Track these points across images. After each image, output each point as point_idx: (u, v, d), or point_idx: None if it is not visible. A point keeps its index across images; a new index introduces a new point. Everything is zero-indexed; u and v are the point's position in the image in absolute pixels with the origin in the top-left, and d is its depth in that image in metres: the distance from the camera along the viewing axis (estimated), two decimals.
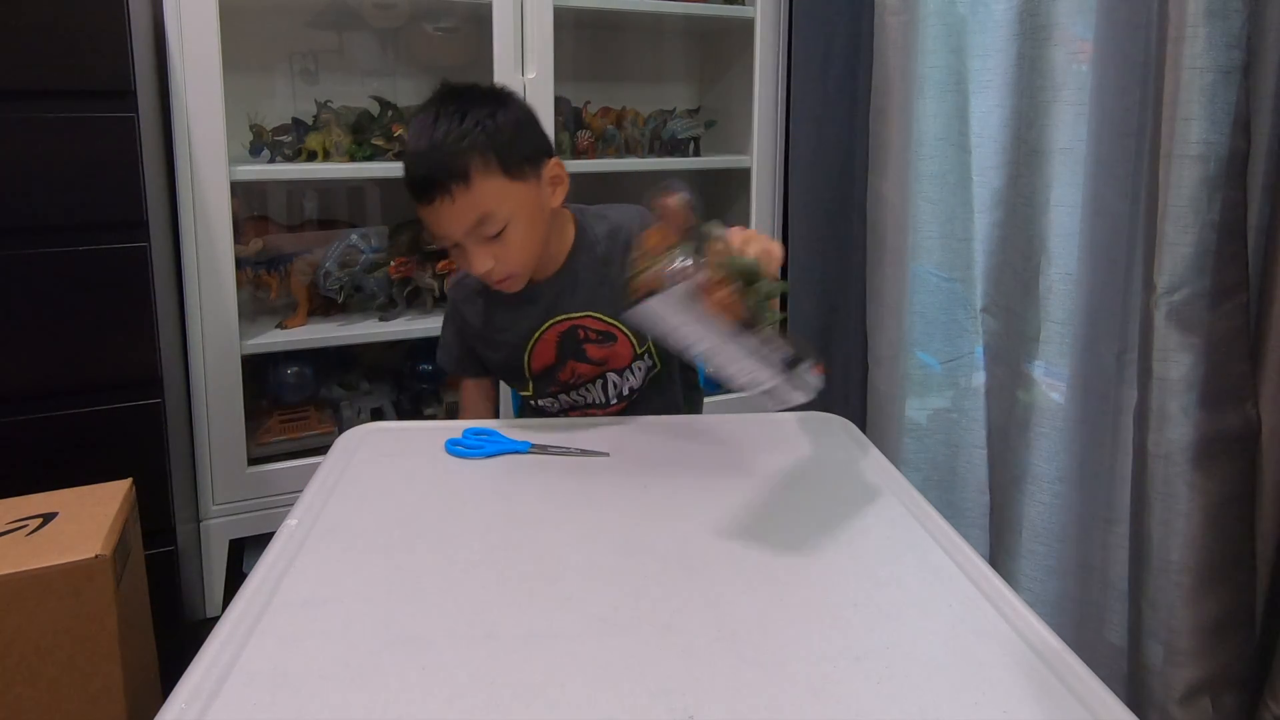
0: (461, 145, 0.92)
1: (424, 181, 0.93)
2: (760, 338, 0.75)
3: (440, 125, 0.93)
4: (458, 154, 0.92)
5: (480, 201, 0.93)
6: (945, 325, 1.57)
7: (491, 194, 0.93)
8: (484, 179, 0.93)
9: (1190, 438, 1.04)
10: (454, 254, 0.99)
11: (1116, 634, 1.23)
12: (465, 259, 0.97)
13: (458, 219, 0.94)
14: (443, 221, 0.94)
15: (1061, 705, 0.55)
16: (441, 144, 0.92)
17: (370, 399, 1.80)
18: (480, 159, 0.92)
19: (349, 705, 0.54)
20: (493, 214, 0.94)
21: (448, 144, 0.92)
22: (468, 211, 0.93)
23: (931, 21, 1.49)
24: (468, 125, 0.93)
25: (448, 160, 0.92)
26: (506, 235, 0.95)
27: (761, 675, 0.57)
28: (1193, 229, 1.02)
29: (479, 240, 0.95)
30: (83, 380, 1.27)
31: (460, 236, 0.95)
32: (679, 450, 0.96)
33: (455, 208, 0.93)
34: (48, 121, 1.20)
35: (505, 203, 0.95)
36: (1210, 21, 0.98)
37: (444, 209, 0.93)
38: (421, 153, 0.94)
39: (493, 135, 0.94)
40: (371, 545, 0.73)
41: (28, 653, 0.96)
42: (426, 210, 0.95)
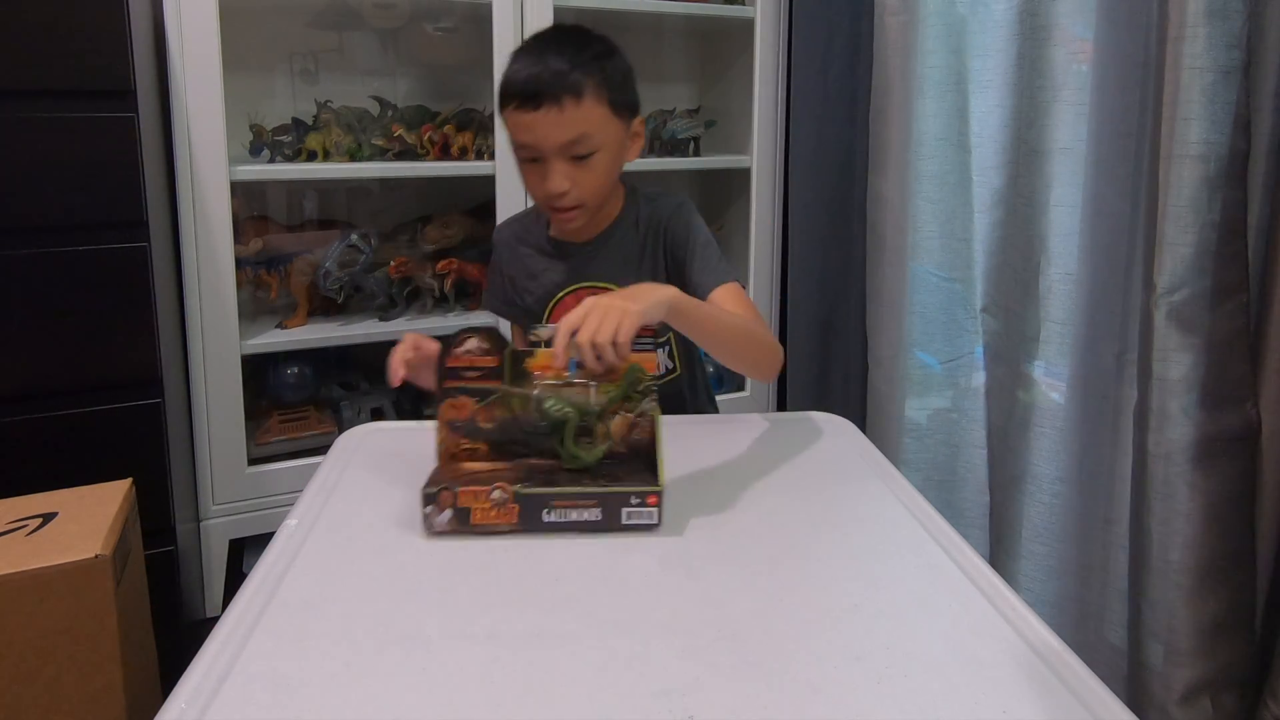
0: (583, 69, 0.96)
1: (537, 87, 0.95)
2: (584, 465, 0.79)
3: (561, 44, 0.98)
4: (576, 69, 0.96)
5: (585, 120, 0.96)
6: (945, 325, 1.57)
7: (596, 117, 0.97)
8: (594, 102, 0.97)
9: (1190, 438, 1.04)
10: (530, 172, 1.01)
11: (1116, 634, 1.23)
12: (542, 176, 0.99)
13: (560, 129, 0.96)
14: (542, 128, 0.96)
15: (1061, 705, 0.55)
16: (567, 56, 0.96)
17: (370, 399, 1.80)
18: (594, 83, 0.97)
19: (349, 705, 0.54)
20: (591, 136, 0.97)
21: (572, 58, 0.96)
22: (571, 125, 0.96)
23: (931, 21, 1.49)
24: (588, 54, 0.98)
25: (566, 72, 0.95)
26: (592, 162, 0.99)
27: (761, 675, 0.57)
28: (1193, 229, 1.02)
29: (565, 158, 0.98)
30: (83, 380, 1.27)
31: (553, 149, 0.97)
32: (681, 450, 0.96)
33: (562, 118, 0.95)
34: (48, 121, 1.20)
35: (602, 130, 0.99)
36: (1210, 21, 0.98)
37: (549, 117, 0.95)
38: (541, 61, 0.96)
39: (607, 69, 0.99)
40: (371, 545, 0.73)
41: (28, 653, 0.97)
42: (528, 116, 0.96)
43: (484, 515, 0.73)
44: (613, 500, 0.74)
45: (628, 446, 0.80)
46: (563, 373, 0.78)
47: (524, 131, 0.98)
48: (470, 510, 0.73)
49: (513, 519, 0.73)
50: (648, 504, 0.75)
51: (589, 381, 0.79)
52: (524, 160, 1.01)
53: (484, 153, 1.70)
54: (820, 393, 1.84)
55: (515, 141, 1.00)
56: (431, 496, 0.72)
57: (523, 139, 0.98)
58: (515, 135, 0.99)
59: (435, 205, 1.85)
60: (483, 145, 1.71)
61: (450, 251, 1.78)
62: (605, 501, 0.74)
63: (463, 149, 1.70)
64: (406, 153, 1.68)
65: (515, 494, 0.73)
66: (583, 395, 0.79)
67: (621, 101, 1.01)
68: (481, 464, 0.78)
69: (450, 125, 1.70)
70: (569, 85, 0.95)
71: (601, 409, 0.79)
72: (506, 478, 0.75)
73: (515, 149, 1.01)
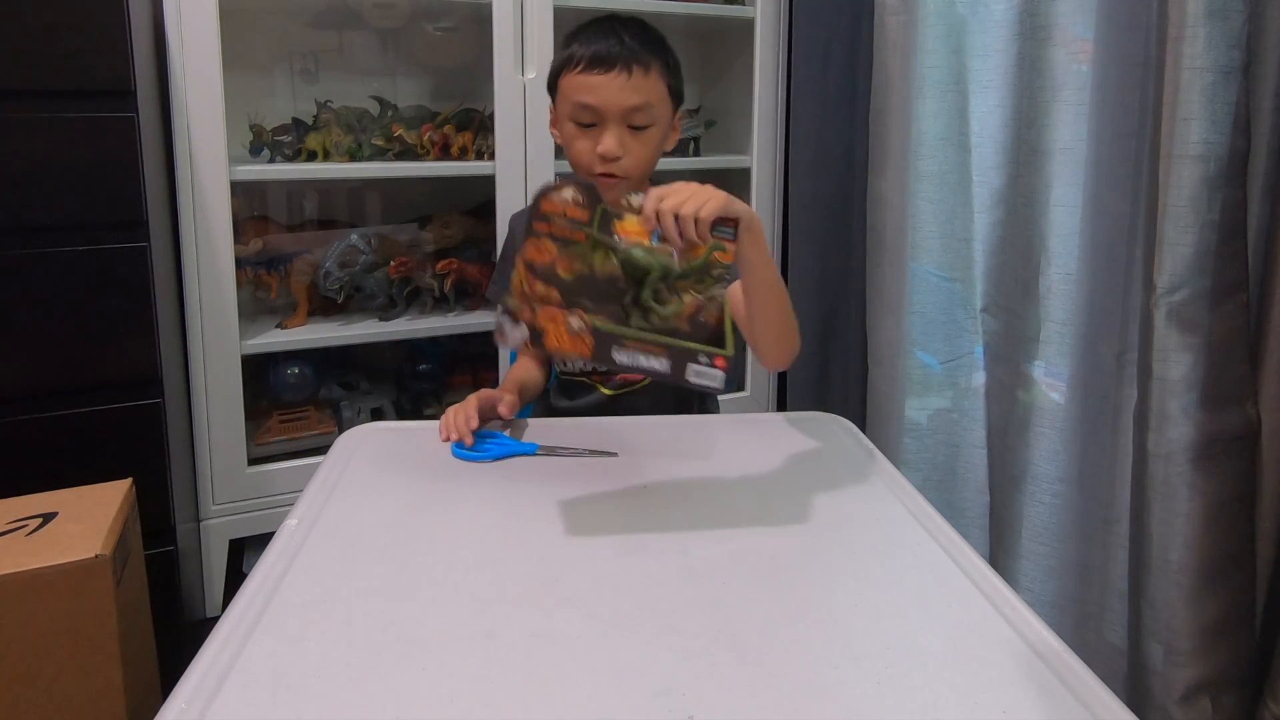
0: (651, 48, 1.04)
1: (611, 54, 1.01)
2: (650, 326, 0.76)
3: (629, 26, 1.05)
4: (648, 49, 1.03)
5: (649, 91, 1.03)
6: (945, 325, 1.57)
7: (658, 92, 1.05)
8: (658, 79, 1.04)
9: (1190, 438, 1.04)
10: (581, 137, 1.05)
11: (1116, 634, 1.23)
12: (594, 140, 1.04)
13: (627, 94, 1.02)
14: (609, 91, 1.01)
15: (1061, 705, 0.55)
16: (636, 37, 1.03)
17: (370, 399, 1.80)
18: (660, 64, 1.04)
19: (349, 705, 0.54)
20: (652, 107, 1.04)
21: (641, 38, 1.04)
22: (638, 93, 1.02)
23: (931, 21, 1.49)
24: (653, 36, 1.06)
25: (639, 48, 1.03)
26: (646, 135, 1.05)
27: (761, 675, 0.57)
28: (1193, 229, 1.02)
29: (623, 125, 1.04)
30: (83, 380, 1.27)
31: (616, 112, 1.02)
32: (682, 450, 0.96)
33: (630, 84, 1.02)
34: (48, 121, 1.20)
35: (661, 106, 1.06)
36: (1210, 21, 0.98)
37: (618, 81, 1.01)
38: (613, 33, 1.03)
39: (668, 56, 1.07)
40: (371, 545, 0.73)
41: (28, 653, 0.96)
42: (596, 79, 1.01)
43: (558, 339, 0.73)
44: (682, 354, 0.75)
45: (692, 326, 0.79)
46: (647, 239, 0.77)
47: (590, 92, 1.02)
48: (545, 332, 0.73)
49: (586, 350, 0.74)
50: (715, 365, 0.75)
51: (671, 251, 0.78)
52: (578, 125, 1.05)
53: (484, 153, 1.70)
54: (820, 393, 1.84)
55: (575, 103, 1.04)
56: (513, 311, 0.72)
57: (587, 99, 1.02)
58: (577, 96, 1.03)
59: (435, 205, 1.85)
60: (483, 145, 1.71)
61: (450, 251, 1.78)
62: (674, 353, 0.75)
63: (463, 149, 1.70)
64: (406, 153, 1.68)
65: (593, 326, 0.73)
66: (666, 257, 0.79)
67: (676, 89, 1.08)
68: (552, 293, 0.77)
69: (450, 125, 1.70)
70: (640, 57, 1.02)
71: (680, 275, 0.78)
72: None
73: (572, 112, 1.05)
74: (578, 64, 1.03)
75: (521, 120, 1.65)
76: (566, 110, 1.06)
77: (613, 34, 1.03)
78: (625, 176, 1.06)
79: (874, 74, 1.58)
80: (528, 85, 1.64)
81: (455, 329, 1.73)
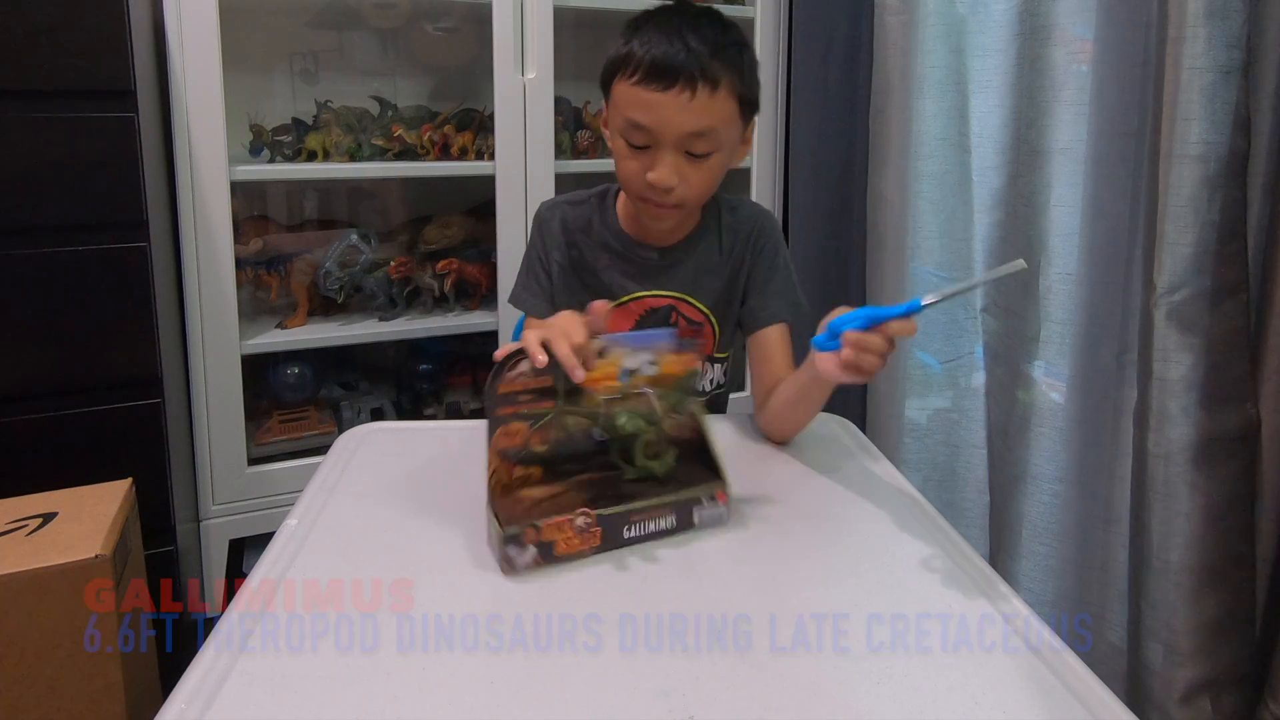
0: (726, 54, 0.86)
1: (673, 64, 0.84)
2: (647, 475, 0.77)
3: (699, 23, 0.87)
4: (719, 57, 0.85)
5: (714, 114, 0.87)
6: (945, 325, 1.57)
7: (725, 114, 0.88)
8: (727, 97, 0.87)
9: (1190, 438, 1.04)
10: (630, 156, 0.90)
11: (1116, 634, 1.23)
12: (645, 164, 0.89)
13: (687, 118, 0.86)
14: (667, 112, 0.85)
15: (1061, 705, 0.55)
16: (707, 40, 0.85)
17: (370, 399, 1.81)
18: (731, 77, 0.87)
19: (349, 705, 0.53)
20: (715, 132, 0.88)
21: (713, 42, 0.86)
22: (699, 117, 0.86)
23: (931, 21, 1.49)
24: (729, 39, 0.88)
25: (709, 58, 0.85)
26: (708, 162, 0.90)
27: (761, 675, 0.57)
28: (1193, 229, 1.02)
29: (679, 152, 0.88)
30: (83, 380, 1.27)
31: (673, 138, 0.87)
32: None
33: (692, 106, 0.85)
34: (48, 121, 1.20)
35: (727, 129, 0.89)
36: (1210, 21, 0.98)
37: (678, 101, 0.85)
38: (678, 37, 0.85)
39: (745, 62, 0.89)
40: (371, 545, 0.73)
41: (28, 653, 0.96)
42: (654, 95, 0.85)
43: (568, 545, 0.69)
44: (686, 504, 0.74)
45: (673, 443, 0.80)
46: (616, 383, 0.75)
47: (644, 111, 0.86)
48: (554, 543, 0.69)
49: (596, 541, 0.71)
50: (717, 501, 0.76)
51: (647, 389, 0.77)
52: (628, 143, 0.90)
53: (484, 153, 1.70)
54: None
55: (627, 119, 0.88)
56: (515, 537, 0.67)
57: (640, 118, 0.87)
58: (630, 113, 0.87)
59: (435, 205, 1.85)
60: (483, 145, 1.71)
61: (450, 251, 1.78)
62: (680, 507, 0.74)
63: (463, 149, 1.70)
64: (406, 153, 1.68)
65: (599, 516, 0.70)
66: (646, 406, 0.77)
67: (750, 102, 0.91)
68: (538, 490, 0.75)
69: (450, 125, 1.70)
70: (708, 72, 0.85)
71: (664, 415, 0.77)
72: (577, 501, 0.72)
73: (623, 129, 0.89)
74: (634, 71, 0.86)
75: (521, 120, 1.65)
76: (618, 122, 0.90)
77: (678, 36, 0.85)
78: (684, 203, 0.92)
79: (874, 74, 1.58)
80: (528, 85, 1.64)
81: (455, 329, 1.73)
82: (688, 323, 1.02)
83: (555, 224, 1.04)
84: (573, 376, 0.71)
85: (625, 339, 0.75)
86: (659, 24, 0.87)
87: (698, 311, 1.02)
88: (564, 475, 0.77)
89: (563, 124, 1.77)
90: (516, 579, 0.68)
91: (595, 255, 1.02)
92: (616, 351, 0.75)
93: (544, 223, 1.04)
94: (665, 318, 1.02)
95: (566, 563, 0.70)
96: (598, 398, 0.75)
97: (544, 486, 0.75)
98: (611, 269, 1.01)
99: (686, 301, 1.02)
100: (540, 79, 1.64)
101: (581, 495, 0.74)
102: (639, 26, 0.89)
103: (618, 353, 0.75)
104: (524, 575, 0.68)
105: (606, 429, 0.77)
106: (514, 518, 0.69)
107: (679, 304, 1.02)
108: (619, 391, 0.75)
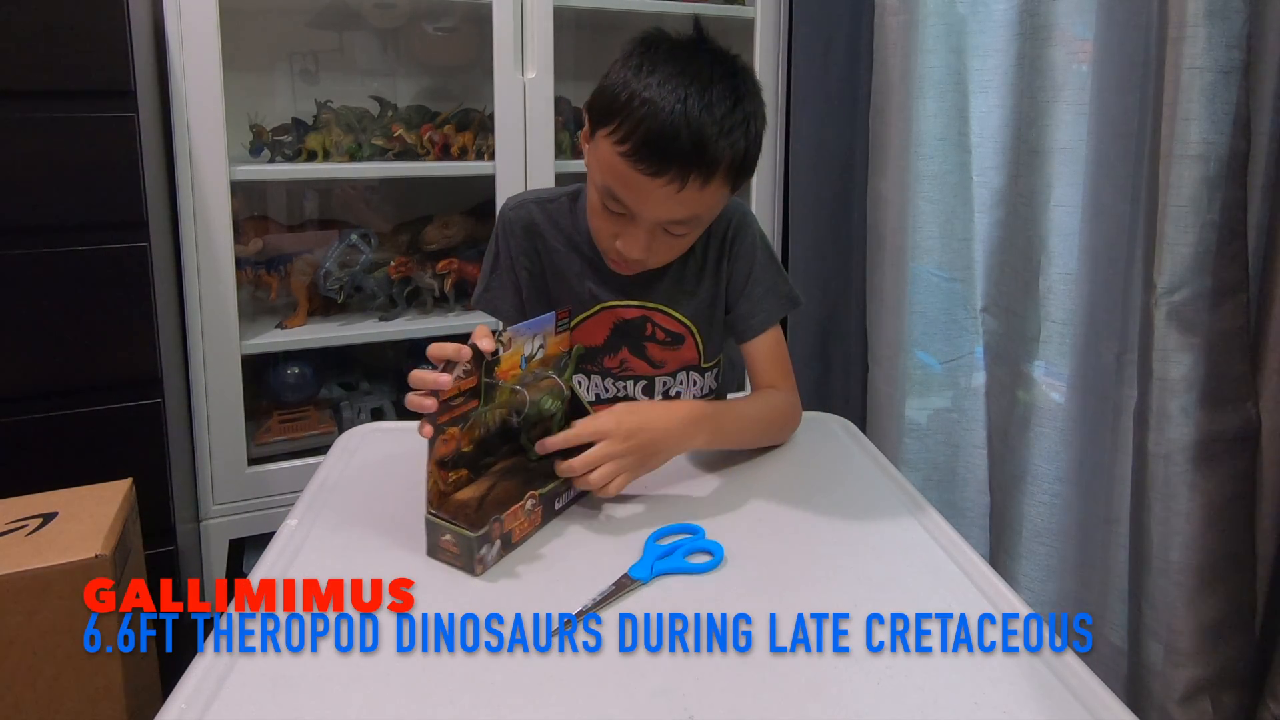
0: (727, 140, 0.78)
1: (666, 154, 0.77)
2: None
3: (715, 99, 0.78)
4: (717, 147, 0.78)
5: (701, 204, 0.82)
6: (945, 325, 1.57)
7: (713, 203, 0.84)
8: (719, 185, 0.81)
9: (1190, 438, 1.04)
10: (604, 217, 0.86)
11: (1116, 634, 1.23)
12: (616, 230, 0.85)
13: (669, 207, 0.81)
14: (651, 201, 0.80)
15: (1061, 705, 0.55)
16: (714, 118, 0.77)
17: (370, 399, 1.80)
18: (728, 163, 0.80)
19: (349, 705, 0.54)
20: (699, 220, 0.85)
21: (715, 128, 0.77)
22: (684, 207, 0.81)
23: (931, 21, 1.49)
24: (737, 118, 0.79)
25: (705, 148, 0.77)
26: (684, 239, 0.87)
27: (761, 675, 0.57)
28: (1193, 229, 1.02)
29: (655, 230, 0.83)
30: (83, 380, 1.27)
31: (652, 221, 0.82)
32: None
33: (678, 198, 0.79)
34: (48, 121, 1.20)
35: (712, 212, 0.86)
36: (1210, 21, 0.98)
37: (664, 192, 0.78)
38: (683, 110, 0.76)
39: (750, 141, 0.82)
40: (371, 545, 0.73)
41: (28, 653, 0.96)
42: (640, 179, 0.78)
43: (520, 530, 0.74)
44: None
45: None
46: (519, 370, 0.78)
47: (625, 189, 0.80)
48: (512, 532, 0.73)
49: (538, 520, 0.76)
50: None
51: (550, 372, 0.81)
52: (604, 201, 0.84)
53: (484, 153, 1.70)
54: (820, 393, 1.84)
55: (606, 187, 0.82)
56: (485, 538, 0.69)
57: (621, 194, 0.81)
58: (609, 181, 0.81)
59: (435, 205, 1.84)
60: (483, 145, 1.71)
61: (450, 251, 1.78)
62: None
63: (463, 149, 1.70)
64: (406, 153, 1.67)
65: (540, 497, 0.76)
66: (555, 386, 0.81)
67: (746, 177, 0.84)
68: (470, 490, 0.77)
69: (450, 125, 1.70)
70: (704, 163, 0.77)
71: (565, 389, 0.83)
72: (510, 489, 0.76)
73: (599, 188, 0.84)
74: (624, 139, 0.78)
75: (521, 120, 1.65)
76: (596, 178, 0.84)
77: (682, 107, 0.76)
78: (646, 265, 0.89)
79: (874, 74, 1.58)
80: (528, 85, 1.64)
81: (455, 329, 1.73)
82: (665, 334, 0.99)
83: (520, 226, 0.99)
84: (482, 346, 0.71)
85: (521, 328, 0.77)
86: (666, 75, 0.78)
87: (676, 322, 0.99)
88: (483, 469, 0.80)
89: (563, 124, 1.77)
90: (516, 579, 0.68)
91: (567, 260, 0.98)
92: (518, 341, 0.77)
93: (509, 224, 0.99)
94: (639, 329, 0.98)
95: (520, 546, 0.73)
96: (508, 387, 0.77)
97: (473, 486, 0.77)
98: (584, 275, 0.97)
99: (663, 312, 0.98)
100: (540, 79, 1.64)
101: (509, 482, 0.78)
102: (642, 65, 0.80)
103: (519, 342, 0.77)
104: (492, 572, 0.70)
105: (530, 414, 0.80)
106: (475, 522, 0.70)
107: (654, 314, 0.98)
108: (520, 380, 0.78)
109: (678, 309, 0.99)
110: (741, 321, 0.99)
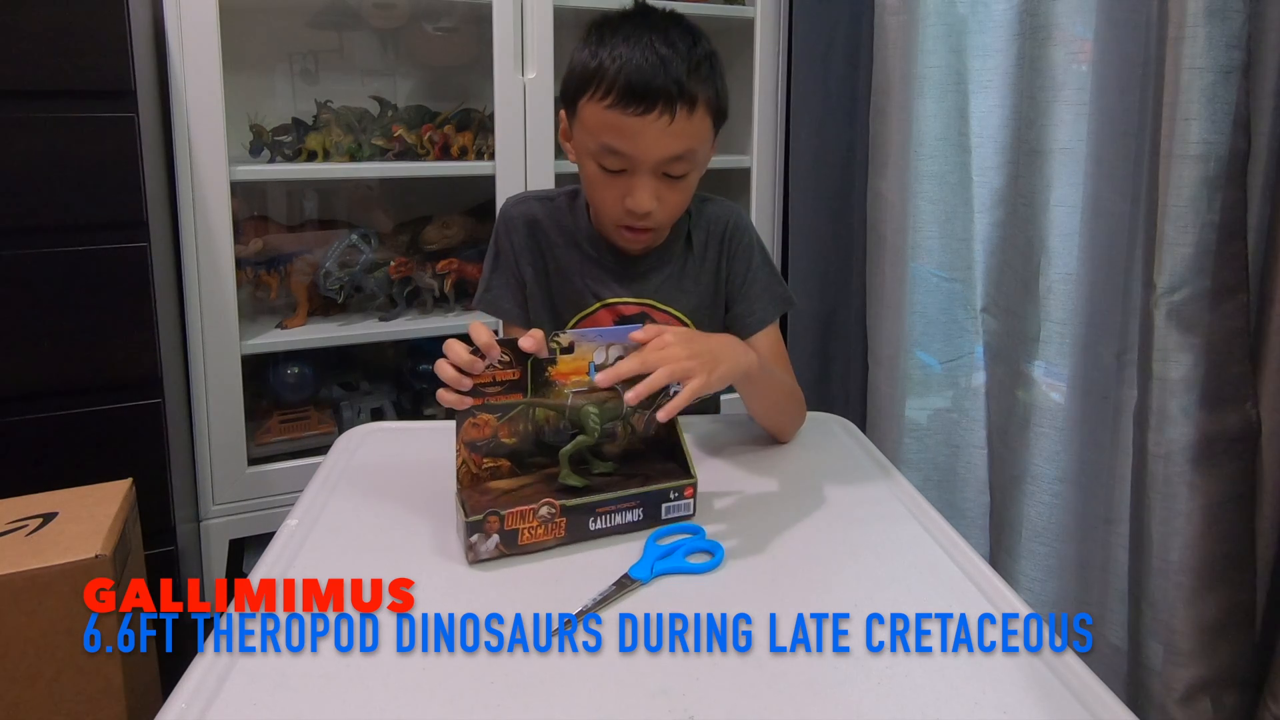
0: (700, 69, 0.82)
1: (650, 88, 0.79)
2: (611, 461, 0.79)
3: (677, 39, 0.82)
4: (696, 76, 0.81)
5: (693, 135, 0.84)
6: (945, 325, 1.57)
7: (702, 133, 0.85)
8: (704, 115, 0.84)
9: (1190, 438, 1.04)
10: (605, 184, 0.87)
11: (1116, 634, 1.23)
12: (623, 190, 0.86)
13: (666, 143, 0.82)
14: (648, 138, 0.82)
15: (1061, 705, 0.55)
16: (685, 59, 0.81)
17: (370, 399, 1.80)
18: (708, 93, 0.83)
19: (349, 705, 0.54)
20: (694, 154, 0.85)
21: (684, 61, 0.81)
22: (678, 140, 0.83)
23: (931, 21, 1.49)
24: (701, 52, 0.83)
25: (688, 78, 0.80)
26: (684, 182, 0.87)
27: (761, 675, 0.57)
28: (1193, 229, 1.02)
29: (657, 175, 0.85)
30: (83, 380, 1.27)
31: (652, 163, 0.84)
32: None
33: (670, 130, 0.81)
34: (48, 121, 1.20)
35: (702, 148, 0.87)
36: (1210, 21, 0.98)
37: (657, 126, 0.81)
38: (653, 53, 0.80)
39: (719, 74, 0.85)
40: (371, 545, 0.73)
41: (28, 653, 0.96)
42: (633, 121, 0.81)
43: (531, 535, 0.71)
44: (654, 498, 0.75)
45: (644, 441, 0.81)
46: (585, 373, 0.76)
47: (621, 137, 0.82)
48: (518, 532, 0.70)
49: (560, 533, 0.72)
50: (685, 496, 0.77)
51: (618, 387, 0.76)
52: (601, 167, 0.86)
53: (484, 153, 1.70)
54: (820, 393, 1.84)
55: (602, 144, 0.84)
56: (477, 525, 0.68)
57: (617, 144, 0.83)
58: (605, 137, 0.83)
59: (435, 205, 1.84)
60: (483, 145, 1.71)
61: (450, 251, 1.78)
62: (646, 500, 0.75)
63: (463, 149, 1.70)
64: (406, 153, 1.67)
65: (563, 507, 0.71)
66: (615, 401, 0.77)
67: (723, 113, 0.88)
68: (506, 481, 0.76)
69: (450, 125, 1.70)
70: (686, 93, 0.81)
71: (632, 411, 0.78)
72: (544, 493, 0.73)
73: (595, 153, 0.85)
74: (606, 92, 0.81)
75: (521, 120, 1.65)
76: (588, 146, 0.86)
77: (652, 52, 0.80)
78: (660, 226, 0.91)
79: (874, 74, 1.58)
80: (528, 85, 1.64)
81: (455, 329, 1.73)
82: None
83: (522, 222, 1.00)
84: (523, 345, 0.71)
85: (594, 334, 0.76)
86: (625, 35, 0.83)
87: (675, 319, 1.00)
88: (532, 468, 0.78)
89: None
90: (516, 579, 0.68)
91: (568, 257, 1.00)
92: (585, 346, 0.75)
93: (511, 220, 1.01)
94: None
95: (530, 553, 0.71)
96: (565, 391, 0.76)
97: (512, 479, 0.76)
98: (584, 273, 0.99)
99: (660, 309, 1.00)
100: (540, 79, 1.64)
101: (549, 487, 0.75)
102: (603, 37, 0.84)
103: (586, 347, 0.75)
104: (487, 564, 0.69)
105: (574, 424, 0.78)
106: (480, 507, 0.70)
107: (652, 311, 1.00)
108: (590, 386, 0.76)
109: (676, 306, 1.00)
110: (740, 319, 1.01)
